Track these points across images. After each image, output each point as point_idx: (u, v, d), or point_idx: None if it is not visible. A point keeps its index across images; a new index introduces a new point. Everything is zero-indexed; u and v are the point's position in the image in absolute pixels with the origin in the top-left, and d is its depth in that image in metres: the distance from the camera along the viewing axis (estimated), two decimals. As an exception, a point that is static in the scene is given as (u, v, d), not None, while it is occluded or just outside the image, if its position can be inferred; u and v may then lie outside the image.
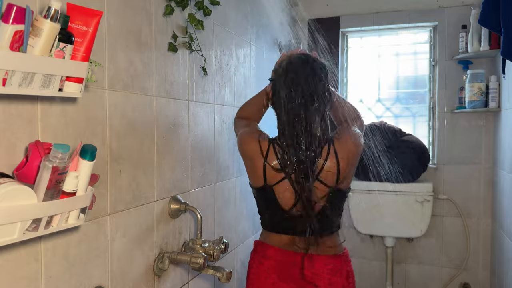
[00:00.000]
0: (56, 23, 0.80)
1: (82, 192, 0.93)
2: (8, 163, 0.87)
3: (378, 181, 2.49)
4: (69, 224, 0.93)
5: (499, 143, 2.33)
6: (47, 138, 0.96)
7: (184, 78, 1.56)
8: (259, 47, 2.30)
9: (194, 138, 1.64)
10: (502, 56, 1.71)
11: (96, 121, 1.12)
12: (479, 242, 2.57)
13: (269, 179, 1.32)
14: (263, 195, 1.37)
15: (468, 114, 2.55)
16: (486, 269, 2.56)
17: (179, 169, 1.54)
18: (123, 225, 1.24)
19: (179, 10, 1.50)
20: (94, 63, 1.06)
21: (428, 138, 2.72)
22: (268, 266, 1.35)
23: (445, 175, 2.61)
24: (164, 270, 1.42)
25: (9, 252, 0.88)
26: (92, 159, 0.92)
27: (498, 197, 2.34)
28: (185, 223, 1.58)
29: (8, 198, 0.76)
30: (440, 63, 2.61)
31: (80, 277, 1.08)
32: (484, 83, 2.38)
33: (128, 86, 1.25)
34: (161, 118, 1.42)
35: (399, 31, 2.76)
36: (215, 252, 1.48)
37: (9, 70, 0.75)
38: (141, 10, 1.31)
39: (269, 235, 1.39)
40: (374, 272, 2.76)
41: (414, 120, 2.79)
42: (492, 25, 1.78)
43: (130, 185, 1.27)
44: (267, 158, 1.32)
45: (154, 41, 1.37)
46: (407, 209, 2.48)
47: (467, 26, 2.44)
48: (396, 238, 2.59)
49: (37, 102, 0.94)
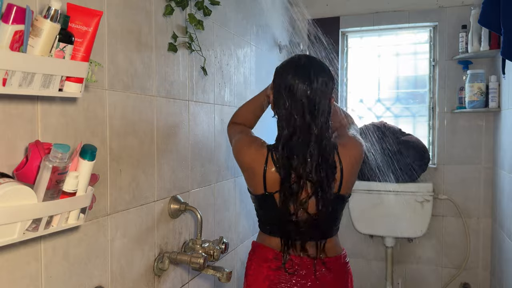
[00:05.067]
0: (56, 23, 0.80)
1: (82, 192, 0.93)
2: (8, 163, 0.87)
3: (378, 181, 2.49)
4: (69, 224, 0.93)
5: (499, 143, 2.33)
6: (47, 138, 0.96)
7: (184, 78, 1.56)
8: (259, 47, 2.30)
9: (194, 138, 1.64)
10: (502, 56, 1.71)
11: (96, 121, 1.12)
12: (479, 242, 2.57)
13: (269, 187, 1.30)
14: (263, 202, 1.36)
15: (468, 114, 2.55)
16: (486, 269, 2.56)
17: (179, 169, 1.54)
18: (123, 225, 1.24)
19: (179, 10, 1.50)
20: (94, 63, 1.06)
21: (428, 138, 2.72)
22: (267, 268, 1.35)
23: (445, 175, 2.61)
24: (164, 270, 1.42)
25: (9, 252, 0.88)
26: (92, 159, 0.92)
27: (498, 197, 2.34)
28: (185, 223, 1.58)
29: (8, 198, 0.76)
30: (440, 63, 2.61)
31: (80, 277, 1.08)
32: (484, 83, 2.38)
33: (128, 86, 1.25)
34: (161, 118, 1.42)
35: (399, 31, 2.76)
36: (215, 252, 1.48)
37: (9, 70, 0.75)
38: (141, 10, 1.31)
39: (267, 238, 1.38)
40: (374, 272, 2.76)
41: (414, 120, 2.79)
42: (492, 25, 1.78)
43: (130, 185, 1.27)
44: (267, 166, 1.29)
45: (154, 41, 1.37)
46: (407, 209, 2.48)
47: (467, 26, 2.44)
48: (396, 238, 2.59)
49: (37, 102, 0.94)
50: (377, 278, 2.74)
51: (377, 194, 2.52)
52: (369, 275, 2.77)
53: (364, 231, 2.62)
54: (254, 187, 1.34)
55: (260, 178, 1.30)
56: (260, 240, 1.42)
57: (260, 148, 1.33)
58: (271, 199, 1.30)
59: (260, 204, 1.37)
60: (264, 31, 2.35)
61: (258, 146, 1.34)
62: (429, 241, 2.65)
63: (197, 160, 1.66)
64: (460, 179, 2.58)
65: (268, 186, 1.30)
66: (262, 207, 1.38)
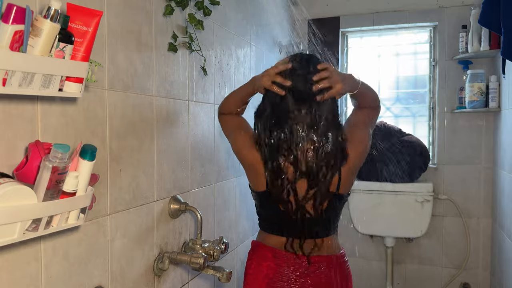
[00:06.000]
0: (56, 23, 0.80)
1: (82, 192, 0.93)
2: (8, 163, 0.87)
3: (378, 181, 2.49)
4: (69, 224, 0.93)
5: (499, 143, 2.33)
6: (47, 138, 0.96)
7: (184, 78, 1.56)
8: (259, 47, 2.30)
9: (194, 138, 1.64)
10: (502, 56, 1.71)
11: (96, 121, 1.12)
12: (479, 242, 2.57)
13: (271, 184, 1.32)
14: (264, 199, 1.36)
15: (468, 114, 2.55)
16: (486, 269, 2.56)
17: (179, 169, 1.54)
18: (123, 225, 1.24)
19: (179, 10, 1.50)
20: (94, 63, 1.06)
21: (428, 138, 2.72)
22: (266, 267, 1.35)
23: (445, 175, 2.61)
24: (164, 270, 1.42)
25: (9, 252, 0.88)
26: (92, 159, 0.92)
27: (498, 197, 2.34)
28: (185, 223, 1.58)
29: (8, 198, 0.76)
30: (440, 63, 2.61)
31: (80, 277, 1.08)
32: (484, 83, 2.38)
33: (128, 86, 1.25)
34: (161, 118, 1.42)
35: (399, 31, 2.76)
36: (215, 252, 1.48)
37: (9, 70, 0.75)
38: (141, 10, 1.31)
39: (267, 236, 1.39)
40: (374, 272, 2.76)
41: (414, 120, 2.79)
42: (492, 25, 1.78)
43: (130, 185, 1.27)
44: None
45: (154, 41, 1.37)
46: (407, 209, 2.48)
47: (467, 26, 2.44)
48: (396, 238, 2.59)
49: (37, 102, 0.94)
50: (377, 278, 2.74)
51: (377, 194, 2.52)
52: (369, 275, 2.76)
53: (364, 231, 2.62)
54: (256, 184, 1.35)
55: (262, 176, 1.31)
56: (260, 239, 1.43)
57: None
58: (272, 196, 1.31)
59: (260, 201, 1.38)
60: (264, 31, 2.35)
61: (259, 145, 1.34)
62: (429, 241, 2.65)
63: (197, 160, 1.66)
64: (460, 179, 2.58)
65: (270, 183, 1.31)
66: (262, 204, 1.39)
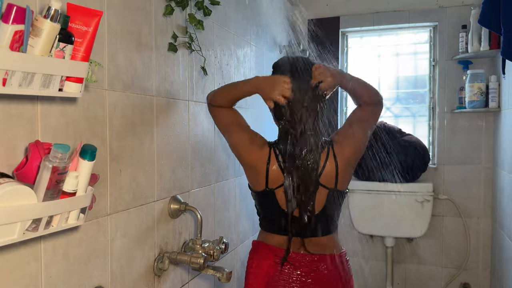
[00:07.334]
0: (56, 23, 0.80)
1: (82, 192, 0.93)
2: (8, 163, 0.87)
3: (378, 181, 2.49)
4: (69, 224, 0.93)
5: (499, 143, 2.33)
6: (47, 138, 0.96)
7: (184, 78, 1.56)
8: (259, 47, 2.30)
9: (194, 138, 1.64)
10: (502, 56, 1.71)
11: (96, 121, 1.12)
12: (479, 242, 2.57)
13: (270, 183, 1.33)
14: (263, 199, 1.37)
15: (468, 114, 2.55)
16: (486, 269, 2.56)
17: (179, 169, 1.54)
18: (123, 225, 1.24)
19: (179, 10, 1.50)
20: (94, 63, 1.06)
21: (428, 138, 2.72)
22: (267, 266, 1.35)
23: (445, 175, 2.61)
24: (164, 270, 1.42)
25: (9, 252, 0.88)
26: (92, 159, 0.92)
27: (498, 197, 2.34)
28: (185, 223, 1.58)
29: (8, 198, 0.76)
30: (440, 63, 2.61)
31: (80, 277, 1.08)
32: (484, 83, 2.38)
33: (128, 86, 1.25)
34: (161, 118, 1.42)
35: (399, 31, 2.76)
36: (215, 252, 1.48)
37: (9, 70, 0.75)
38: (141, 10, 1.31)
39: (268, 235, 1.40)
40: (374, 272, 2.76)
41: (414, 120, 2.79)
42: (492, 25, 1.78)
43: (130, 185, 1.27)
44: (269, 163, 1.32)
45: (154, 41, 1.37)
46: (407, 209, 2.48)
47: (467, 26, 2.44)
48: (396, 238, 2.59)
49: (37, 102, 0.94)
50: (377, 278, 2.74)
51: (377, 194, 2.52)
52: (369, 275, 2.76)
53: (364, 231, 2.62)
54: (256, 184, 1.36)
55: (263, 176, 1.32)
56: (260, 238, 1.43)
57: (262, 146, 1.36)
58: (271, 195, 1.32)
59: (260, 200, 1.39)
60: (264, 31, 2.35)
61: (259, 145, 1.37)
62: (429, 241, 2.65)
63: (197, 160, 1.66)
64: (460, 179, 2.58)
65: (269, 182, 1.33)
66: (262, 203, 1.39)
